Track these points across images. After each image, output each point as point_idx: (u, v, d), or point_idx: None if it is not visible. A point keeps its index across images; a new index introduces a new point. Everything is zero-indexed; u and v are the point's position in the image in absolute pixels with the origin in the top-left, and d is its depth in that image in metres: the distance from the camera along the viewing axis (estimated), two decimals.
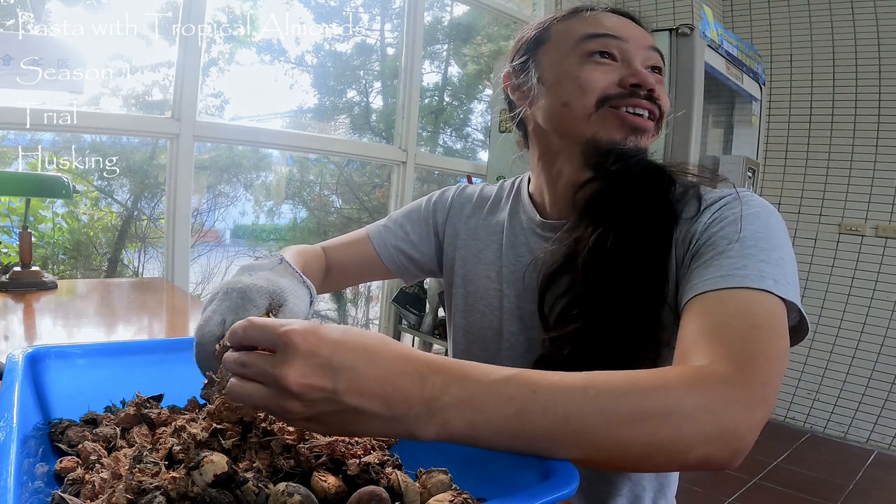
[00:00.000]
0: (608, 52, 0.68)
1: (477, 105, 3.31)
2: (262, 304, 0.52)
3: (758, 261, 0.55)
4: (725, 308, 0.52)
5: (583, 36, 0.69)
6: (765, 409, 0.45)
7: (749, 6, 3.09)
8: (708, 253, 0.58)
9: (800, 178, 2.97)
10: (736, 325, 0.50)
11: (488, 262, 0.80)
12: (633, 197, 0.66)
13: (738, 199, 0.62)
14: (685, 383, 0.44)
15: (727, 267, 0.55)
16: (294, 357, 0.36)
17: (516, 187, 0.84)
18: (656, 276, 0.63)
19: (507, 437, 0.40)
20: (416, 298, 2.66)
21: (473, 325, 0.81)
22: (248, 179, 2.76)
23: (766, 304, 0.52)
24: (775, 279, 0.53)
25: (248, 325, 0.39)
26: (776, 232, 0.59)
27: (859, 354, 2.78)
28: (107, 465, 0.41)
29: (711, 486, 2.22)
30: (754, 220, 0.59)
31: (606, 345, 0.61)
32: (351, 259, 0.86)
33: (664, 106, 0.70)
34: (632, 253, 0.63)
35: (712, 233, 0.60)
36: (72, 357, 0.53)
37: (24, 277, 1.28)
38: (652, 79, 0.68)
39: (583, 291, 0.64)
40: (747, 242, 0.57)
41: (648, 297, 0.62)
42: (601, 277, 0.63)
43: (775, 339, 0.50)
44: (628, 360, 0.59)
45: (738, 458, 0.44)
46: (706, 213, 0.63)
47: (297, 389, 0.35)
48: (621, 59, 0.69)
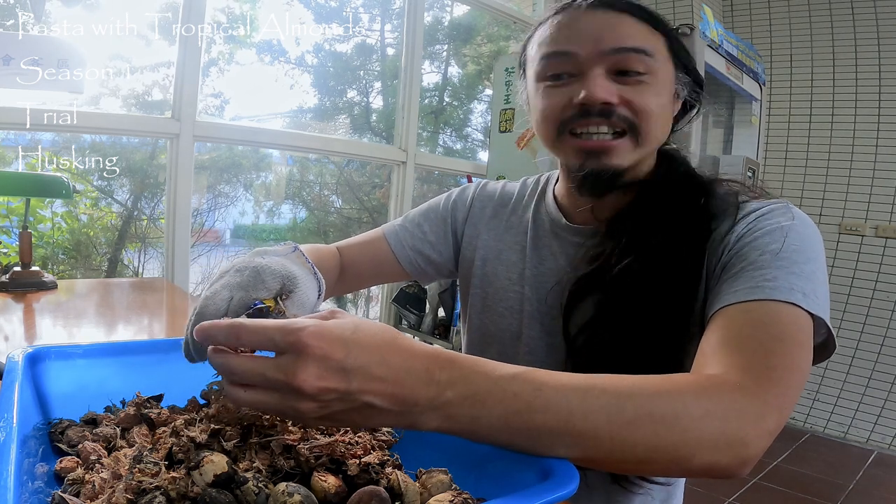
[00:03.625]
0: (560, 74, 0.65)
1: (477, 105, 3.32)
2: (273, 287, 0.50)
3: (788, 273, 0.53)
4: (749, 319, 0.51)
5: (539, 58, 0.66)
6: (777, 419, 0.44)
7: (749, 6, 3.09)
8: (739, 264, 0.57)
9: (800, 178, 2.97)
10: (758, 337, 0.49)
11: (510, 264, 0.78)
12: (663, 214, 0.64)
13: (774, 210, 0.60)
14: (695, 389, 0.43)
15: (757, 279, 0.54)
16: (308, 361, 0.35)
17: (541, 186, 0.82)
18: (686, 297, 0.61)
19: (508, 433, 0.40)
20: (416, 298, 2.66)
21: (491, 327, 0.79)
22: (248, 179, 2.77)
23: (792, 317, 0.51)
24: (804, 293, 0.52)
25: (240, 329, 0.37)
26: (811, 245, 0.57)
27: (859, 354, 2.78)
28: (107, 465, 0.41)
29: (711, 487, 2.22)
30: (790, 231, 0.57)
31: (631, 363, 0.59)
32: (366, 260, 0.83)
33: (638, 111, 0.62)
34: (661, 277, 0.61)
35: (745, 243, 0.58)
36: (72, 357, 0.53)
37: (24, 277, 1.28)
38: (604, 91, 0.61)
39: (609, 314, 0.63)
40: (780, 255, 0.55)
41: (677, 320, 0.61)
42: (629, 301, 0.61)
43: (797, 351, 0.49)
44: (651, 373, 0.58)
45: (745, 466, 0.43)
46: (741, 223, 0.60)
47: (313, 392, 0.35)
48: (578, 73, 0.64)
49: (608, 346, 0.62)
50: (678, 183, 0.67)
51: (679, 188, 0.66)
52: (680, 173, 0.68)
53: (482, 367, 0.41)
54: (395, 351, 0.38)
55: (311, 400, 0.36)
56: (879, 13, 2.72)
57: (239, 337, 0.37)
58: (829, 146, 2.89)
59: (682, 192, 0.65)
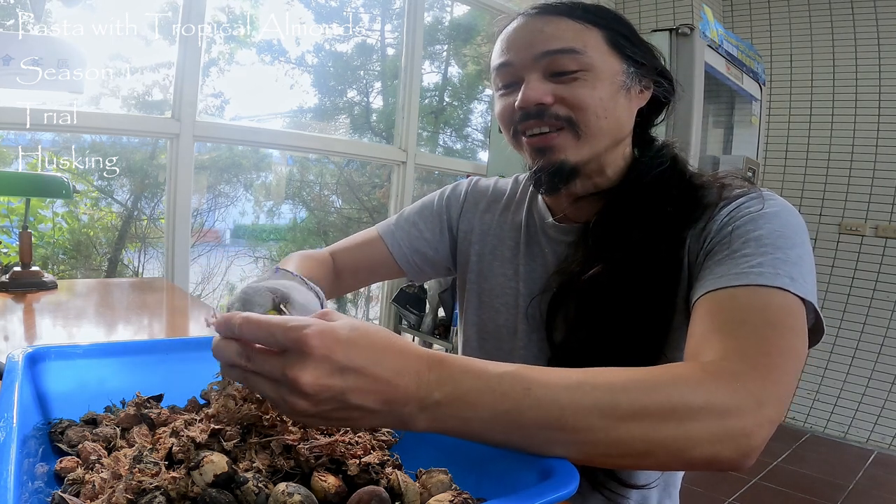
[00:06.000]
0: (508, 83, 0.69)
1: (477, 105, 3.31)
2: (264, 304, 0.52)
3: (774, 258, 0.53)
4: (739, 305, 0.51)
5: (492, 70, 0.71)
6: (777, 407, 0.44)
7: (749, 6, 3.09)
8: (723, 251, 0.57)
9: (800, 178, 2.97)
10: (750, 322, 0.49)
11: (505, 260, 0.79)
12: (631, 222, 0.65)
13: (755, 197, 0.61)
14: (692, 380, 0.43)
15: (742, 264, 0.53)
16: (309, 360, 0.35)
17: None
18: (660, 298, 0.62)
19: (500, 432, 0.40)
20: (416, 298, 2.66)
21: (487, 323, 0.80)
22: (248, 179, 2.76)
23: (782, 302, 0.50)
24: (792, 277, 0.52)
25: (245, 323, 0.37)
26: (795, 231, 0.57)
27: (859, 354, 2.78)
28: (107, 465, 0.41)
29: (711, 487, 2.22)
30: (773, 218, 0.58)
31: (612, 357, 0.61)
32: (362, 261, 0.83)
33: (573, 106, 0.65)
34: (629, 284, 0.62)
35: (727, 232, 0.58)
36: (72, 357, 0.53)
37: (24, 277, 1.27)
38: (535, 92, 0.65)
39: (586, 321, 0.64)
40: (764, 240, 0.55)
41: (653, 320, 0.62)
42: (601, 308, 0.63)
43: (791, 336, 0.48)
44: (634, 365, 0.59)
45: (748, 458, 0.42)
46: (723, 211, 0.61)
47: (310, 391, 0.35)
48: (519, 80, 0.68)
49: (589, 349, 0.63)
50: (649, 186, 0.67)
51: (649, 192, 0.67)
52: (653, 175, 0.68)
53: (471, 366, 0.40)
54: (390, 352, 0.38)
55: (307, 398, 0.36)
56: (879, 13, 2.72)
57: (242, 330, 0.38)
58: (829, 146, 2.89)
59: (651, 197, 0.66)
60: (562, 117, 0.65)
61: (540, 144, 0.67)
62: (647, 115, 0.73)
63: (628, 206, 0.67)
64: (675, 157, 0.70)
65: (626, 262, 0.63)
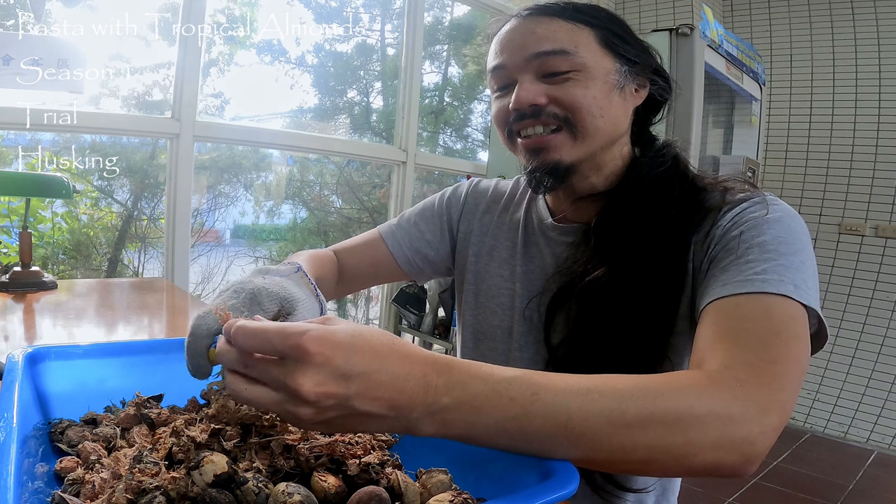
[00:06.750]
0: (504, 85, 0.69)
1: (477, 105, 3.31)
2: (270, 310, 0.50)
3: (778, 265, 0.53)
4: (744, 313, 0.51)
5: (488, 73, 0.72)
6: (780, 414, 0.44)
7: (749, 6, 3.09)
8: (727, 258, 0.57)
9: (800, 178, 2.97)
10: (754, 330, 0.49)
11: (502, 261, 0.79)
12: (629, 224, 0.65)
13: (759, 202, 0.60)
14: (696, 387, 0.43)
15: (746, 272, 0.54)
16: (308, 366, 0.35)
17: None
18: (661, 301, 0.62)
19: (506, 438, 0.40)
20: (416, 298, 2.66)
21: (483, 324, 0.79)
22: (248, 179, 2.76)
23: (786, 309, 0.51)
24: (795, 284, 0.52)
25: (240, 333, 0.36)
26: (798, 236, 0.57)
27: (859, 354, 2.78)
28: (107, 465, 0.41)
29: (711, 487, 2.22)
30: (776, 224, 0.57)
31: (611, 361, 0.61)
32: (364, 262, 0.83)
33: (567, 106, 0.65)
34: (629, 287, 0.62)
35: (731, 237, 0.58)
36: (72, 357, 0.53)
37: (24, 277, 1.27)
38: (529, 93, 0.65)
39: (585, 325, 0.64)
40: (767, 247, 0.55)
41: (653, 324, 0.61)
42: (601, 311, 0.63)
43: (794, 344, 0.49)
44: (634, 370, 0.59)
45: (751, 464, 0.43)
46: (726, 216, 0.61)
47: (312, 398, 0.35)
48: (513, 82, 0.68)
49: (588, 352, 0.63)
50: (651, 186, 0.67)
51: (651, 193, 0.66)
52: (654, 175, 0.68)
53: (479, 371, 0.40)
54: (394, 357, 0.38)
55: (310, 406, 0.35)
56: (879, 13, 2.72)
57: (235, 339, 0.37)
58: (829, 146, 2.89)
59: (653, 199, 0.66)
60: (559, 117, 0.66)
61: (534, 145, 0.68)
62: (644, 114, 0.73)
63: (630, 207, 0.67)
64: (677, 158, 0.70)
65: (630, 264, 0.63)
